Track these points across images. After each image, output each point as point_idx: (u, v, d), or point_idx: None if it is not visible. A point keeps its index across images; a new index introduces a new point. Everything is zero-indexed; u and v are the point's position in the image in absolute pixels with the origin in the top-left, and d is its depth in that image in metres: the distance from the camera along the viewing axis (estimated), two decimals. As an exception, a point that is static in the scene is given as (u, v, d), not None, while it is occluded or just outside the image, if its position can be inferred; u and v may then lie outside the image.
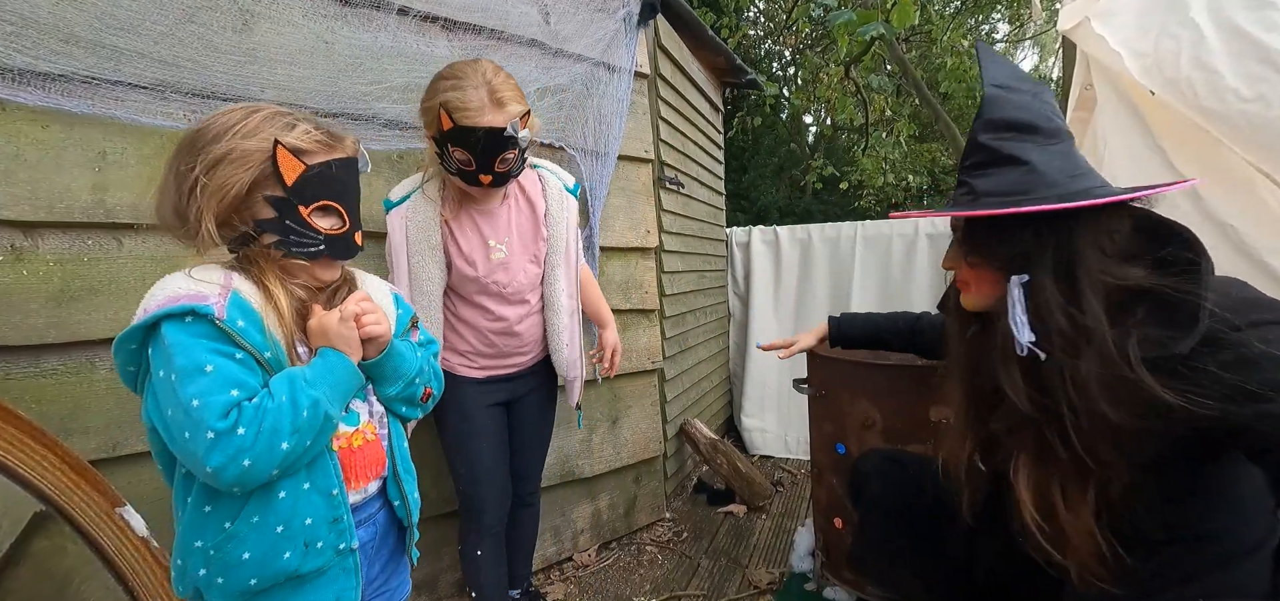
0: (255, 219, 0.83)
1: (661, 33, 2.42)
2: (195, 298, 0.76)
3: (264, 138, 0.80)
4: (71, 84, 1.18)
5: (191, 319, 0.75)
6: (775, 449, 3.24)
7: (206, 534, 0.80)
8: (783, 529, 2.36)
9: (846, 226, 3.24)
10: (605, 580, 2.03)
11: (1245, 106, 1.23)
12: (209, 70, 1.32)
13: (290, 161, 0.81)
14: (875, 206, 8.37)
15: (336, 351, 0.85)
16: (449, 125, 1.20)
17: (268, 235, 0.83)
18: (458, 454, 1.45)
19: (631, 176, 2.21)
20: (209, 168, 0.79)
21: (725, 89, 3.67)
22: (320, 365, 0.83)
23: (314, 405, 0.78)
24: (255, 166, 0.80)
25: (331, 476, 0.86)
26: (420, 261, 1.33)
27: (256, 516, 0.80)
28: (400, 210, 1.33)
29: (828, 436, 1.78)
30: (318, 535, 0.84)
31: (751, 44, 7.97)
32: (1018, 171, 0.80)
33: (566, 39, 1.92)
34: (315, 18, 1.46)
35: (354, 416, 0.93)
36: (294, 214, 0.83)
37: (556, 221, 1.45)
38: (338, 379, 0.84)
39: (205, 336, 0.76)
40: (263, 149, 0.80)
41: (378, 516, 0.98)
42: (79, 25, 1.17)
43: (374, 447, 0.95)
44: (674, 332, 2.60)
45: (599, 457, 2.15)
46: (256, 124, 0.81)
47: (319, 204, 0.84)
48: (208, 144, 0.79)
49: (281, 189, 0.81)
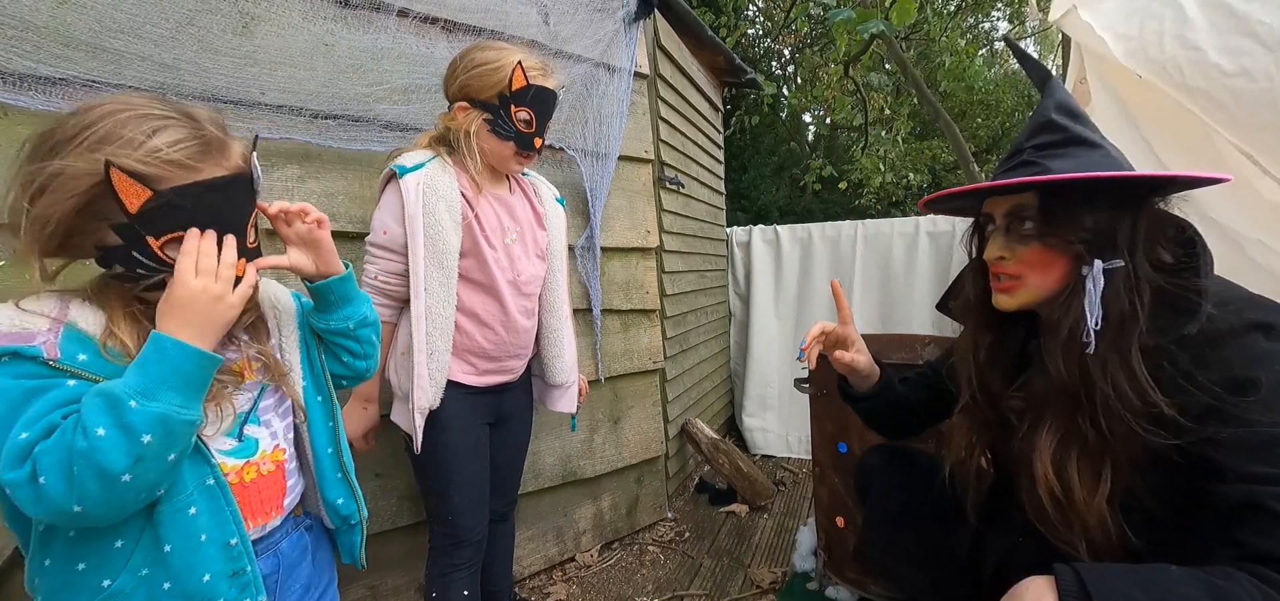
0: (99, 245, 0.68)
1: (660, 32, 2.42)
2: (18, 337, 0.64)
3: (98, 158, 0.64)
4: (73, 88, 1.18)
5: (11, 360, 0.63)
6: (777, 448, 3.24)
7: (81, 594, 0.67)
8: (785, 528, 2.36)
9: (847, 225, 3.24)
10: (608, 580, 2.03)
11: (1229, 81, 1.23)
12: (209, 73, 1.32)
13: (130, 186, 0.65)
14: (875, 205, 8.37)
15: (173, 341, 0.66)
16: (523, 82, 1.26)
17: (114, 265, 0.69)
18: (448, 481, 1.31)
19: (632, 177, 2.21)
20: (33, 193, 0.65)
21: (724, 88, 3.67)
22: (149, 361, 0.65)
23: (160, 421, 0.62)
24: (83, 191, 0.65)
25: (229, 523, 0.74)
26: (440, 231, 1.25)
27: (144, 570, 0.68)
28: (416, 176, 1.25)
29: (829, 435, 1.78)
30: (216, 592, 0.72)
31: (750, 43, 7.97)
32: (1095, 153, 0.81)
33: (566, 40, 1.92)
34: (315, 20, 1.46)
35: (249, 445, 0.80)
36: (142, 246, 0.68)
37: (552, 223, 1.47)
38: (177, 371, 0.65)
39: (30, 377, 0.63)
40: (94, 172, 0.64)
41: (280, 546, 0.85)
42: (79, 29, 1.17)
43: (274, 479, 0.83)
44: (675, 332, 2.60)
45: (601, 458, 2.15)
46: (106, 129, 0.65)
47: (173, 236, 0.69)
48: (43, 155, 0.65)
49: (124, 216, 0.66)
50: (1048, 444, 0.82)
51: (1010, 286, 0.88)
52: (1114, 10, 1.42)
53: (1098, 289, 0.77)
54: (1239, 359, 0.69)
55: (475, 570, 1.37)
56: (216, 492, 0.74)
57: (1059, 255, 0.82)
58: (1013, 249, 0.86)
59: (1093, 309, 0.77)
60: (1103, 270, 0.77)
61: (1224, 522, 0.69)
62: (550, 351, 1.48)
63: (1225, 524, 0.69)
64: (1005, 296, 0.89)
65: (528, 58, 1.28)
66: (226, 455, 0.78)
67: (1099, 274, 0.77)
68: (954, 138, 5.17)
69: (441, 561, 1.34)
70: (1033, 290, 0.86)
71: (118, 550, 0.68)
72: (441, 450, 1.31)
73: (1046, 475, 0.81)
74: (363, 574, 1.64)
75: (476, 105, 1.28)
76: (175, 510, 0.70)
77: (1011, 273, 0.87)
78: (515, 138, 1.29)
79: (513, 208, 1.39)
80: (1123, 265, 0.77)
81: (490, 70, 1.26)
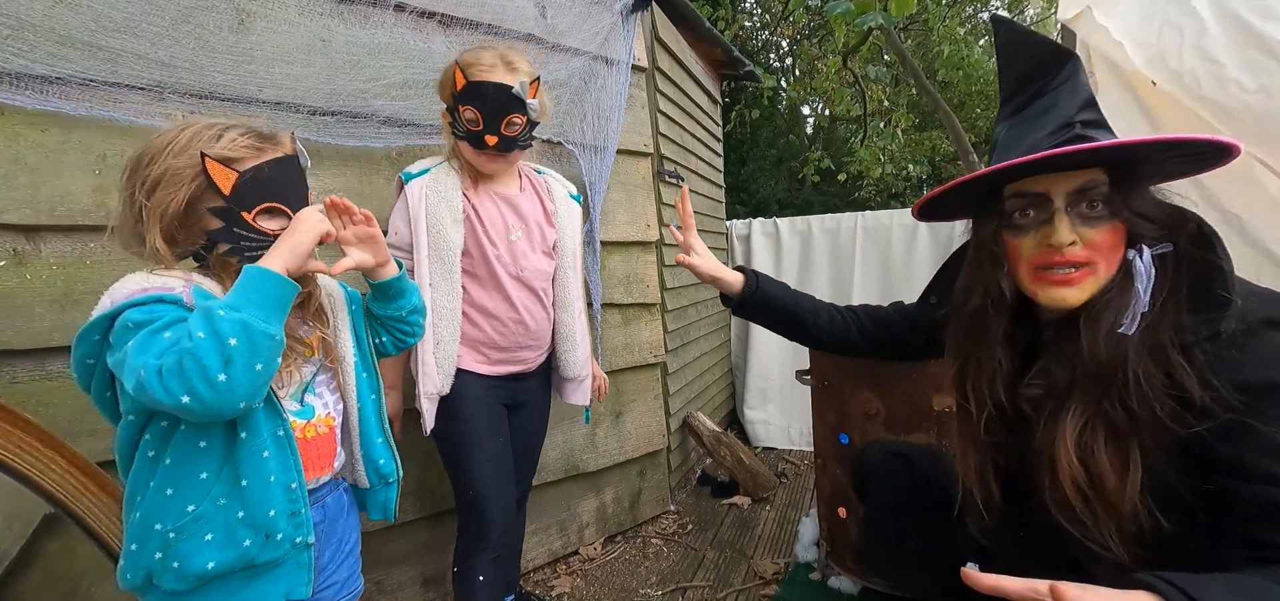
0: (205, 231, 0.85)
1: (659, 25, 2.41)
2: (162, 288, 0.78)
3: (192, 153, 0.82)
4: (69, 86, 1.17)
5: (158, 303, 0.77)
6: (778, 440, 3.25)
7: (169, 517, 0.79)
8: (787, 519, 2.37)
9: (846, 217, 3.23)
10: (611, 573, 2.03)
11: (1248, 97, 1.23)
12: (206, 70, 1.31)
13: (221, 171, 0.83)
14: (874, 197, 8.36)
15: (258, 267, 0.80)
16: (462, 82, 1.27)
17: (220, 244, 0.85)
18: (467, 454, 1.34)
19: (631, 170, 2.21)
20: (149, 190, 0.82)
21: (723, 81, 3.66)
22: (241, 286, 0.79)
23: (243, 327, 0.74)
24: (188, 182, 0.82)
25: (292, 470, 0.87)
26: (441, 230, 1.31)
27: (222, 499, 0.81)
28: (421, 180, 1.33)
29: (831, 427, 1.78)
30: (278, 526, 0.85)
31: (748, 35, 7.95)
32: (1120, 134, 0.78)
33: (563, 33, 1.91)
34: (312, 16, 1.46)
35: (309, 410, 0.95)
36: (239, 220, 0.85)
37: (563, 221, 1.48)
38: (260, 290, 0.79)
39: (174, 311, 0.77)
40: (192, 164, 0.82)
41: (326, 500, 0.98)
42: (74, 27, 1.17)
43: (327, 440, 0.97)
44: (676, 326, 2.60)
45: (603, 452, 2.16)
46: (186, 140, 0.83)
47: (262, 207, 0.86)
48: (145, 167, 0.83)
49: (221, 199, 0.83)
50: (1072, 429, 0.76)
51: (1076, 277, 0.76)
52: (1132, 15, 1.42)
53: (1149, 273, 0.72)
54: (1256, 357, 0.67)
55: (498, 559, 1.36)
56: (284, 443, 0.87)
57: (1123, 236, 0.75)
58: (1081, 232, 0.75)
59: (1146, 292, 0.72)
60: (1158, 251, 0.73)
61: (1248, 521, 0.68)
62: (562, 345, 1.49)
63: (1249, 522, 0.67)
64: (1069, 290, 0.77)
65: (482, 55, 1.29)
66: (292, 415, 0.91)
67: (1150, 257, 0.73)
68: (953, 128, 5.16)
69: (465, 540, 1.36)
70: (1102, 278, 0.76)
71: (202, 481, 0.81)
72: (460, 425, 1.35)
73: (1070, 463, 0.75)
74: (368, 568, 1.64)
75: (446, 110, 1.35)
76: (252, 452, 0.83)
77: (1082, 260, 0.76)
78: (467, 137, 1.31)
79: (519, 205, 1.41)
80: (1171, 248, 0.73)
81: (447, 76, 1.32)
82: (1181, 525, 0.73)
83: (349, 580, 1.04)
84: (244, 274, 0.80)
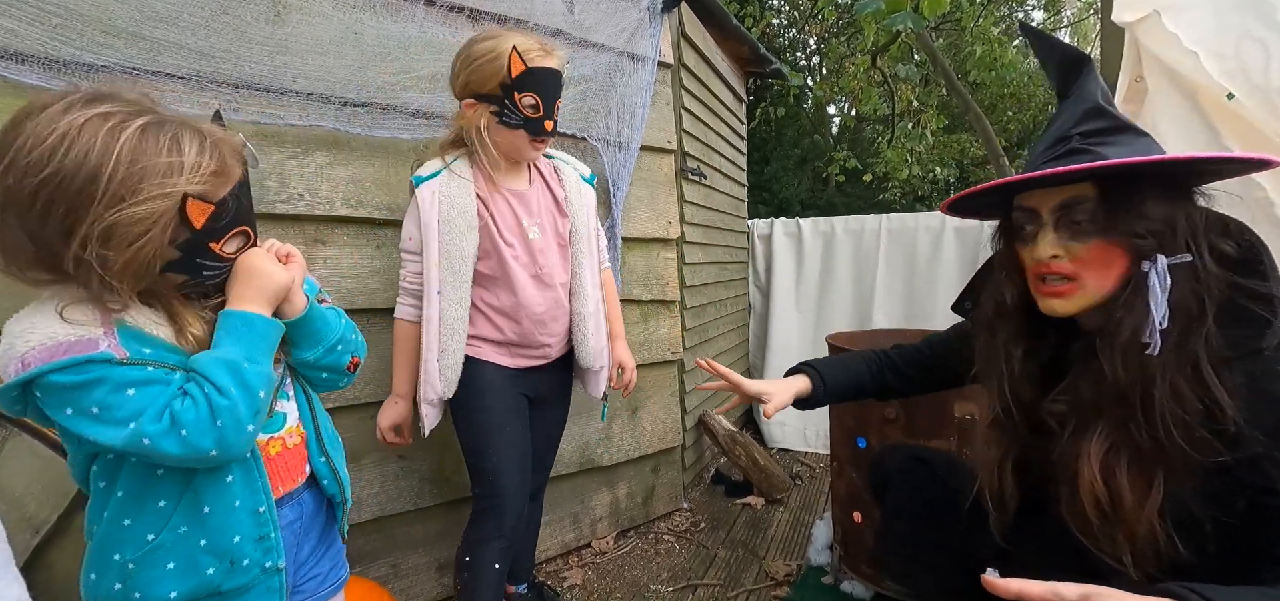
0: (162, 262, 0.73)
1: (685, 22, 2.40)
2: (85, 346, 0.68)
3: (159, 200, 0.68)
4: (112, 75, 1.21)
5: (86, 366, 0.67)
6: (794, 442, 3.22)
7: (127, 547, 0.75)
8: (800, 521, 2.36)
9: (871, 219, 3.19)
10: (623, 567, 2.05)
11: None
12: (243, 61, 1.35)
13: (199, 208, 0.72)
14: (900, 199, 8.22)
15: (248, 313, 0.78)
16: (521, 68, 1.25)
17: (174, 275, 0.75)
18: (486, 441, 1.34)
19: (653, 167, 2.21)
20: (103, 238, 0.66)
21: (748, 79, 3.64)
22: (243, 334, 0.76)
23: (267, 380, 0.77)
24: (162, 228, 0.70)
25: (260, 492, 0.82)
26: (454, 237, 1.29)
27: (183, 527, 0.77)
28: (431, 184, 1.30)
29: (848, 430, 1.77)
30: (244, 553, 0.81)
31: (775, 33, 7.87)
32: (1145, 140, 0.77)
33: (590, 28, 1.92)
34: (345, 8, 1.49)
35: (278, 420, 0.89)
36: (206, 251, 0.76)
37: (575, 207, 1.45)
38: (263, 337, 0.79)
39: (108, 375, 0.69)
40: (167, 208, 0.69)
41: (303, 496, 0.94)
42: (120, 17, 1.21)
43: (296, 454, 0.92)
44: (694, 324, 2.60)
45: (618, 447, 2.17)
46: (143, 164, 0.67)
47: (231, 233, 0.78)
48: (104, 204, 0.65)
49: (189, 231, 0.73)
50: (1097, 450, 0.76)
51: (1065, 289, 0.80)
52: (1203, 23, 1.35)
53: (1163, 285, 0.71)
54: None
55: (511, 546, 1.36)
56: (251, 464, 0.82)
57: (1120, 251, 0.76)
58: (1067, 246, 0.78)
59: (1158, 307, 0.71)
60: (1167, 265, 0.72)
61: (1278, 539, 0.66)
62: (575, 335, 1.46)
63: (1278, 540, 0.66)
64: (1059, 301, 0.81)
65: (523, 40, 1.26)
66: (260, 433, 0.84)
67: (1164, 270, 0.71)
68: (984, 131, 5.05)
69: (480, 527, 1.34)
70: (1091, 293, 0.78)
71: (161, 509, 0.76)
72: (480, 413, 1.35)
73: (1094, 482, 0.75)
74: (385, 552, 1.68)
75: (482, 99, 1.29)
76: (215, 479, 0.79)
77: (1066, 273, 0.79)
78: (524, 125, 1.29)
79: (529, 201, 1.39)
80: (1190, 259, 0.72)
81: (488, 62, 1.26)
82: (1196, 552, 0.72)
83: (332, 571, 1.01)
84: (244, 321, 0.77)
